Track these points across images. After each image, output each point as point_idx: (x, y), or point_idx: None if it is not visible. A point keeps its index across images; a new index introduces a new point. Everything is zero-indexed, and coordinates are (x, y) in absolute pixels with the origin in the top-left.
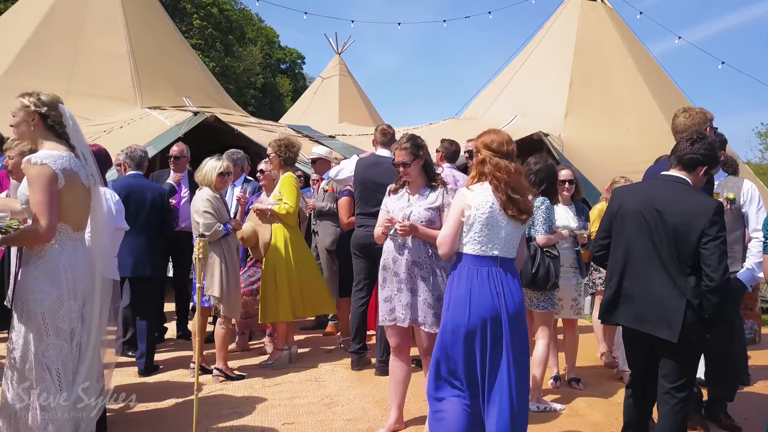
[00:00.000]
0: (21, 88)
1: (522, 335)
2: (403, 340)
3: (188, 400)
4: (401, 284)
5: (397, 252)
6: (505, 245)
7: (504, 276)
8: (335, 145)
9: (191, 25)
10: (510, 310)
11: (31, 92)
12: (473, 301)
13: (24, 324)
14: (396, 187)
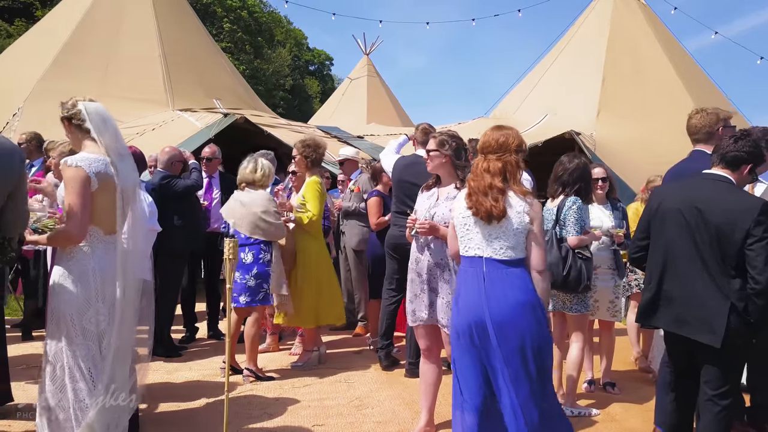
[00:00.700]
0: (58, 90)
1: (518, 343)
2: (432, 342)
3: (219, 400)
4: (423, 285)
5: (420, 252)
6: (490, 245)
7: (493, 278)
8: (364, 145)
9: (221, 29)
10: (495, 315)
11: (64, 101)
12: (461, 303)
13: (55, 324)
14: (429, 184)
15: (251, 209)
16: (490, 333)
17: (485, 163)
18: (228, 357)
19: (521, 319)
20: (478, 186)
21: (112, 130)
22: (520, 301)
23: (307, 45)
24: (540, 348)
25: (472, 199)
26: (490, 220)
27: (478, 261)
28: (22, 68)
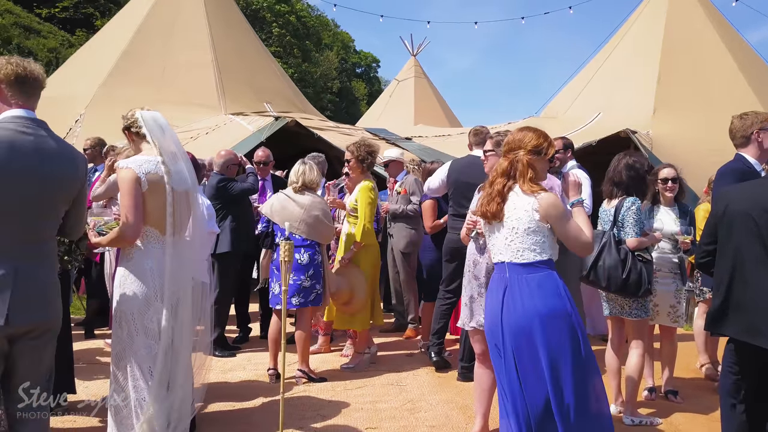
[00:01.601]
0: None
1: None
2: (485, 345)
3: (272, 400)
4: (481, 288)
5: (479, 254)
6: (507, 249)
7: (514, 285)
8: (412, 147)
9: (270, 33)
10: (510, 324)
11: (124, 113)
12: (487, 309)
13: (118, 323)
14: (486, 184)
15: (310, 212)
16: (508, 343)
17: (496, 160)
18: (283, 357)
19: (540, 330)
20: (487, 184)
21: (169, 135)
22: (538, 311)
23: (354, 47)
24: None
25: (481, 200)
26: (491, 220)
27: (502, 266)
28: (83, 76)
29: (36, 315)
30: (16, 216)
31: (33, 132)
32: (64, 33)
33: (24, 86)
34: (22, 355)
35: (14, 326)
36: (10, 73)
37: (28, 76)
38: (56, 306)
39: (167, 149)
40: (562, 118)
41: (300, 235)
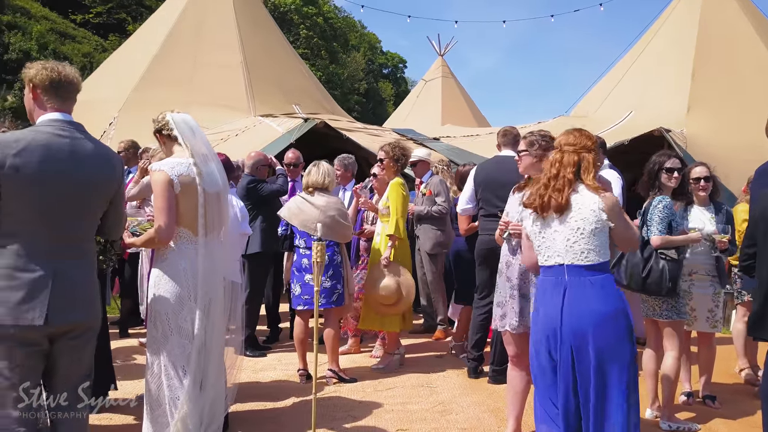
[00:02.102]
0: (149, 100)
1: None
2: (521, 349)
3: (302, 401)
4: (514, 290)
5: (511, 255)
6: (569, 251)
7: (575, 288)
8: (440, 147)
9: (298, 35)
10: (572, 329)
11: (155, 117)
12: (540, 315)
13: (153, 322)
14: (521, 185)
15: (327, 212)
16: (566, 347)
17: (559, 154)
18: (315, 358)
19: (599, 333)
20: (544, 178)
21: (199, 136)
22: (601, 314)
23: (381, 48)
24: (619, 364)
25: (532, 192)
26: (550, 213)
27: (559, 270)
28: (116, 80)
29: (75, 315)
30: (54, 217)
31: (69, 135)
32: (97, 38)
33: (59, 90)
34: (62, 354)
35: (54, 326)
36: (45, 78)
37: (63, 80)
38: (95, 306)
39: (198, 151)
40: (592, 117)
41: (316, 236)
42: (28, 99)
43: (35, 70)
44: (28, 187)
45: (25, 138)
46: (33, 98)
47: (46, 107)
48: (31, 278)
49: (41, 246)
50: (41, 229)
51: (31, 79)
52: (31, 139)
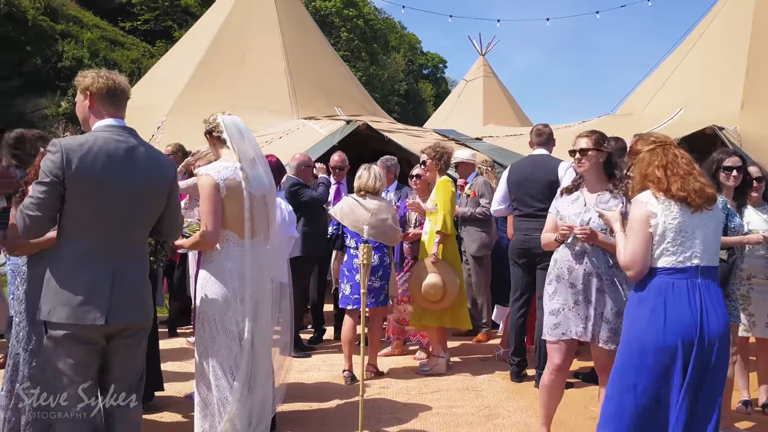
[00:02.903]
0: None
1: (726, 358)
2: (566, 357)
3: (347, 402)
4: (578, 296)
5: (576, 261)
6: (705, 251)
7: (707, 288)
8: (482, 147)
9: (339, 38)
10: (713, 329)
11: (207, 117)
12: (668, 318)
13: (200, 324)
14: (570, 186)
15: (378, 215)
16: (707, 349)
17: (676, 150)
18: (362, 359)
19: (725, 338)
20: (690, 171)
21: (248, 140)
22: (726, 315)
23: (421, 49)
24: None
25: (688, 187)
26: (704, 206)
27: (693, 271)
28: (163, 85)
29: (131, 314)
30: (113, 219)
31: (125, 139)
32: (145, 45)
33: (114, 97)
34: (116, 353)
35: (112, 325)
36: (102, 86)
37: (117, 88)
38: (149, 306)
39: (246, 154)
40: (639, 115)
41: (366, 238)
42: (83, 107)
43: (91, 79)
44: (91, 190)
45: (88, 142)
46: (89, 106)
47: (101, 114)
48: (93, 279)
49: (102, 247)
50: (102, 230)
51: (88, 87)
52: (93, 143)
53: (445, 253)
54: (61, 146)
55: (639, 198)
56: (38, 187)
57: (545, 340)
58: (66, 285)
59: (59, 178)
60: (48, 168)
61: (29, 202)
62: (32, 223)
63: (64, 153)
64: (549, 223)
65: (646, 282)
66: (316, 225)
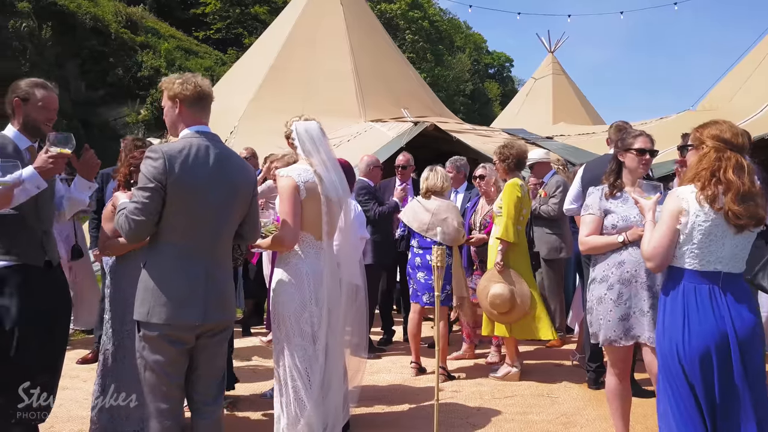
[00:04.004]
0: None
1: (759, 365)
2: (628, 363)
3: (420, 405)
4: (654, 299)
5: None
6: (732, 259)
7: (729, 295)
8: (554, 146)
9: (404, 40)
10: (740, 335)
11: (288, 120)
12: (692, 326)
13: (276, 325)
14: (613, 188)
15: (439, 216)
16: (734, 356)
17: (735, 157)
18: (437, 362)
19: (756, 338)
20: (743, 188)
21: (321, 146)
22: (753, 318)
23: (487, 48)
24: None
25: (735, 203)
26: (744, 229)
27: (715, 276)
28: (236, 91)
29: (218, 314)
30: (205, 222)
31: (213, 144)
32: (217, 53)
33: (201, 103)
34: (202, 351)
35: (205, 325)
36: (190, 93)
37: (203, 94)
38: (233, 306)
39: (319, 159)
40: (722, 110)
41: (430, 238)
42: (172, 113)
43: (179, 86)
44: (188, 194)
45: (185, 148)
46: (178, 113)
47: (189, 120)
48: (189, 280)
49: (195, 249)
50: (196, 233)
51: (176, 94)
52: (189, 149)
53: (514, 261)
54: (162, 153)
55: (677, 191)
56: (142, 192)
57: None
58: (164, 286)
59: (162, 184)
60: (151, 174)
61: (133, 207)
62: (136, 227)
63: (167, 159)
64: (591, 225)
65: (670, 286)
66: (383, 231)
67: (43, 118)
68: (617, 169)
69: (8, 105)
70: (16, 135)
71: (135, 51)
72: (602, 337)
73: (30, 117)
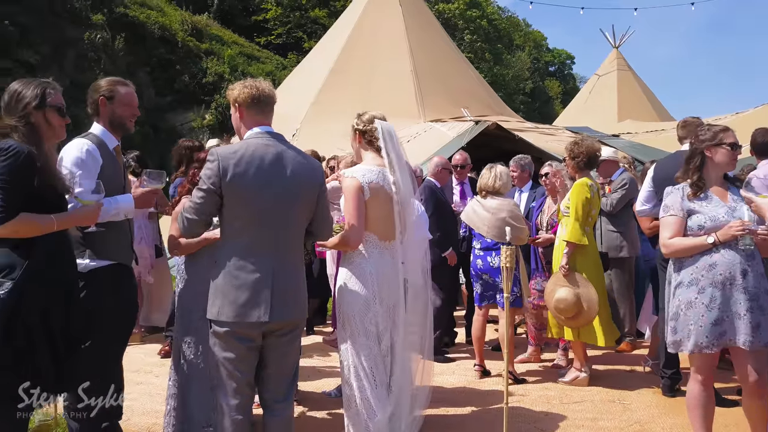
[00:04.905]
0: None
1: None
2: (714, 370)
3: (485, 408)
4: (750, 302)
5: (747, 265)
6: None
7: None
8: (620, 144)
9: (462, 40)
10: None
11: (361, 113)
12: None
13: (341, 324)
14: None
15: (498, 215)
16: None
17: None
18: (506, 365)
19: None
20: None
21: (396, 146)
22: None
23: (547, 45)
24: None
25: None
26: None
27: None
28: (297, 95)
29: (286, 313)
30: (268, 221)
31: (274, 144)
32: (278, 57)
33: (259, 105)
34: (271, 350)
35: (272, 323)
36: (248, 96)
37: (262, 95)
38: (304, 305)
39: (394, 160)
40: None
41: (490, 239)
42: (236, 117)
43: (238, 90)
44: (245, 194)
45: (240, 150)
46: (240, 117)
47: (250, 122)
48: (254, 278)
49: (260, 248)
50: (259, 232)
51: (236, 99)
52: (245, 150)
53: (582, 264)
54: (217, 155)
55: None
56: (197, 192)
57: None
58: (230, 285)
59: (216, 186)
60: (206, 176)
61: (189, 206)
62: (189, 225)
63: (220, 162)
64: (674, 227)
65: None
66: (446, 231)
67: (128, 114)
68: (700, 165)
69: (92, 105)
70: (104, 133)
71: (200, 58)
72: (692, 344)
73: (116, 114)
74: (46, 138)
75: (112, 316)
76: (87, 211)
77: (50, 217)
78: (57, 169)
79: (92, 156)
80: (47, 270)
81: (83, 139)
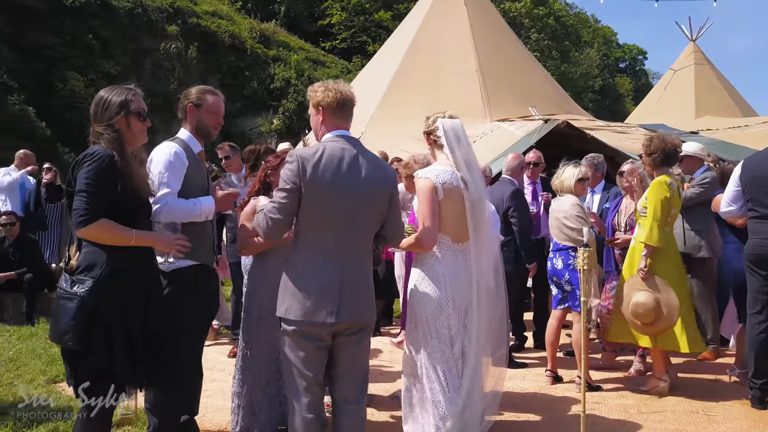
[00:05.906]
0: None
1: None
2: None
3: (557, 415)
4: None
5: None
6: None
7: None
8: (700, 141)
9: (528, 39)
10: None
11: (430, 115)
12: None
13: (413, 325)
14: None
15: (554, 215)
16: None
17: None
18: (583, 373)
19: None
20: None
21: (465, 144)
22: None
23: (617, 41)
24: None
25: None
26: None
27: None
28: (361, 98)
29: (357, 313)
30: (339, 222)
31: (351, 148)
32: (343, 62)
33: (343, 108)
34: (341, 350)
35: (340, 323)
36: (333, 100)
37: (345, 100)
38: (372, 307)
39: (462, 159)
40: None
41: (559, 241)
42: (316, 120)
43: (321, 94)
44: (321, 194)
45: (318, 151)
46: (321, 120)
47: (330, 125)
48: (323, 279)
49: (331, 248)
50: (330, 232)
51: (320, 102)
52: (322, 152)
53: (661, 267)
54: (297, 156)
55: None
56: (280, 193)
57: None
58: (299, 285)
59: (297, 185)
60: (287, 176)
61: (272, 207)
62: (273, 225)
63: (300, 162)
64: None
65: None
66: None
67: (213, 123)
68: None
69: (181, 110)
70: (190, 138)
71: (268, 64)
72: None
73: (201, 121)
74: (128, 143)
75: (194, 316)
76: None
77: (131, 231)
78: (144, 171)
79: (179, 158)
80: (127, 269)
81: (171, 142)
